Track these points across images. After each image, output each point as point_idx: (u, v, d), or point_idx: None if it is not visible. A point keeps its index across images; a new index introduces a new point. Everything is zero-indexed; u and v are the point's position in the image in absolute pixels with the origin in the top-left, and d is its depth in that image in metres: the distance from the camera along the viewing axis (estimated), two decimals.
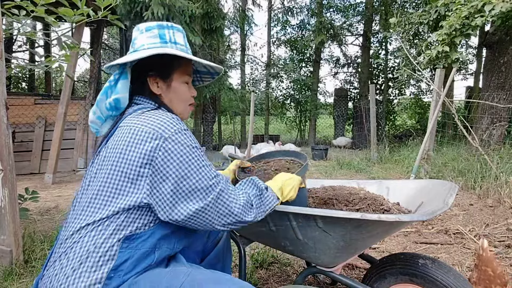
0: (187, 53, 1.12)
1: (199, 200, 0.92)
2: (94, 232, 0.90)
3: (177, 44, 1.11)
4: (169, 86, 1.11)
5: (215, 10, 7.66)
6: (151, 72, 1.09)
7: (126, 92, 1.06)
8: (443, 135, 6.84)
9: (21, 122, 6.05)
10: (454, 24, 4.21)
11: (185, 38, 1.16)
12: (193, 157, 0.93)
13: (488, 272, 1.36)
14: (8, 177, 2.01)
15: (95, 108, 1.09)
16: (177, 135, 0.93)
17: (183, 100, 1.14)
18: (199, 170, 0.93)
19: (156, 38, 1.08)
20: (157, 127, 0.93)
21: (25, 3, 1.96)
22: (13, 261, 2.05)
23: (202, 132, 10.84)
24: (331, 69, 14.64)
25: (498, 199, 3.36)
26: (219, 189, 0.95)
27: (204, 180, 0.93)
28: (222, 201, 0.96)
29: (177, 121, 0.97)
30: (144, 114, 0.99)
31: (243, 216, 0.99)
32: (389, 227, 1.17)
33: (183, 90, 1.13)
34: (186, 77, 1.13)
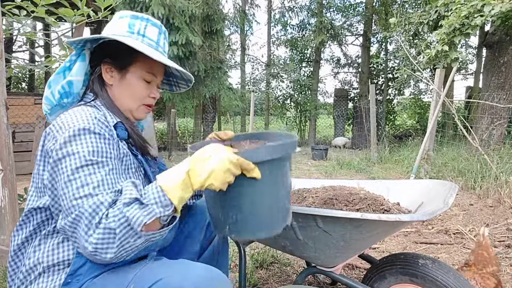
0: (157, 50, 1.03)
1: (61, 220, 0.81)
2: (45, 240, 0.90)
3: (145, 37, 1.01)
4: (123, 77, 1.01)
5: (215, 12, 7.67)
6: (107, 59, 1.00)
7: (81, 76, 0.98)
8: (443, 135, 6.83)
9: (21, 122, 6.06)
10: (454, 23, 4.22)
11: (161, 35, 1.06)
12: (67, 166, 0.80)
13: (484, 255, 1.50)
14: (8, 177, 2.01)
15: (46, 88, 1.00)
16: (69, 137, 0.82)
17: (136, 98, 1.03)
18: (65, 183, 0.79)
19: (125, 27, 1.00)
20: (54, 126, 0.87)
21: (25, 3, 1.96)
22: None
23: (202, 132, 10.84)
24: (332, 69, 14.67)
25: (498, 199, 3.36)
26: (73, 217, 0.77)
27: (66, 199, 0.78)
28: (76, 233, 0.77)
29: (83, 117, 0.86)
30: (65, 112, 0.91)
31: (100, 254, 0.75)
32: (389, 227, 1.17)
33: (138, 87, 1.02)
34: (146, 75, 1.02)
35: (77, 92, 0.99)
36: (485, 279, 1.45)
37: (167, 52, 1.13)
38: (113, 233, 0.73)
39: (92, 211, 0.75)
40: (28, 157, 5.95)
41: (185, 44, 6.35)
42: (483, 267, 1.48)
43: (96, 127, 0.86)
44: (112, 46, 0.99)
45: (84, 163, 0.80)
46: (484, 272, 1.47)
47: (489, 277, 1.45)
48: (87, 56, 0.99)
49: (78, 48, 0.98)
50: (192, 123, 11.47)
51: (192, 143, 11.22)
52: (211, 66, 8.04)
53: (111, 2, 2.09)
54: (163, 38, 1.07)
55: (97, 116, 0.89)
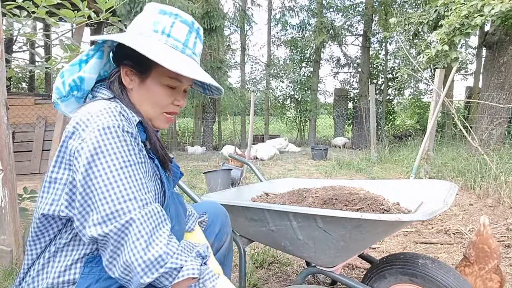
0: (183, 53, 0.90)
1: (101, 223, 0.72)
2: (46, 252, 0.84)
3: (170, 37, 0.89)
4: (143, 82, 0.90)
5: (215, 9, 7.68)
6: (127, 61, 0.90)
7: (95, 74, 0.91)
8: (443, 135, 6.84)
9: (21, 122, 6.05)
10: (453, 23, 4.22)
11: (191, 34, 0.92)
12: (105, 168, 0.73)
13: (485, 249, 1.42)
14: (8, 177, 2.01)
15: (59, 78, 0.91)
16: (94, 134, 0.75)
17: (156, 105, 0.92)
18: (106, 186, 0.72)
19: (150, 24, 0.89)
20: (78, 124, 0.78)
21: (26, 3, 1.96)
22: (13, 261, 2.05)
23: (202, 132, 10.85)
24: (331, 69, 14.68)
25: (498, 199, 3.36)
26: (127, 219, 0.71)
27: (111, 202, 0.72)
28: (127, 238, 0.71)
29: (106, 114, 0.78)
30: (83, 107, 0.83)
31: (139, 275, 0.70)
32: (389, 227, 1.17)
33: (159, 93, 0.90)
34: (170, 80, 0.90)
35: (88, 89, 0.93)
36: (487, 281, 1.39)
37: (199, 54, 0.98)
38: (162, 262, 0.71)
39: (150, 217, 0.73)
40: (28, 157, 5.95)
41: None
42: (485, 264, 1.41)
43: (123, 124, 0.79)
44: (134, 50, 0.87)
45: (123, 164, 0.75)
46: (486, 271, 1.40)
47: (491, 276, 1.39)
48: (106, 53, 0.92)
49: (98, 43, 0.90)
50: (192, 123, 11.46)
51: (192, 143, 11.09)
52: (211, 66, 8.04)
53: (113, 3, 2.09)
54: (194, 37, 0.93)
55: (122, 112, 0.82)
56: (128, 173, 0.75)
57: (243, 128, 12.18)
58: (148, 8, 0.92)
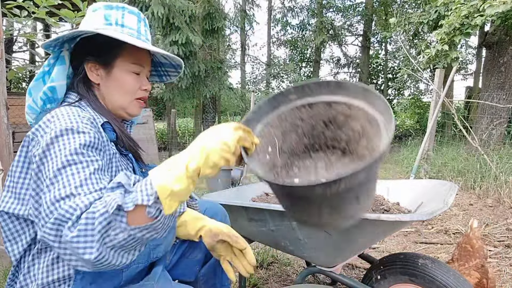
0: (139, 39, 0.95)
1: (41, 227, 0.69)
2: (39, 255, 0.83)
3: (125, 27, 0.93)
4: (109, 73, 0.93)
5: (217, 10, 7.69)
6: (89, 57, 0.92)
7: (63, 80, 0.92)
8: (443, 135, 6.84)
9: (21, 122, 6.05)
10: (454, 23, 4.22)
11: (141, 22, 0.98)
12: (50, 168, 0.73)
13: (467, 249, 1.49)
14: None
15: (27, 97, 0.93)
16: (53, 138, 0.76)
17: (126, 92, 0.95)
18: (48, 187, 0.71)
19: (101, 19, 0.92)
20: (38, 131, 0.79)
21: (26, 3, 1.96)
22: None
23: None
24: (331, 69, 14.69)
25: (498, 199, 3.36)
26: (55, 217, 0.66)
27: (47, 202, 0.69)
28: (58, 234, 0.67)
29: (70, 118, 0.79)
30: (46, 114, 0.84)
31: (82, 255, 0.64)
32: (389, 227, 1.17)
33: (128, 81, 0.94)
34: (133, 66, 0.95)
35: (61, 97, 0.93)
36: (465, 275, 1.44)
37: (151, 41, 1.05)
38: (91, 224, 0.63)
39: (73, 210, 0.66)
40: None
41: (185, 43, 6.35)
42: (466, 261, 1.47)
43: (80, 125, 0.79)
44: (93, 42, 0.92)
45: (66, 164, 0.72)
46: (465, 267, 1.46)
47: (470, 272, 1.44)
48: (67, 57, 0.93)
49: (55, 51, 0.92)
50: (192, 123, 11.46)
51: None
52: (211, 66, 8.05)
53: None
54: (144, 26, 1.00)
55: (81, 115, 0.83)
56: (71, 171, 0.72)
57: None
58: (93, 7, 0.96)
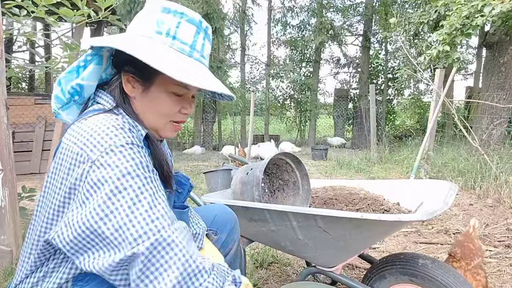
0: (192, 57, 0.81)
1: (118, 252, 0.64)
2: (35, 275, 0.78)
3: (176, 40, 0.79)
4: (146, 90, 0.81)
5: (215, 11, 7.68)
6: (128, 67, 0.81)
7: (94, 82, 0.83)
8: (443, 135, 6.84)
9: (21, 122, 6.06)
10: (454, 23, 4.22)
11: (199, 35, 0.82)
12: (127, 188, 0.66)
13: (470, 247, 1.51)
14: (8, 177, 2.01)
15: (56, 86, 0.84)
16: (108, 155, 0.67)
17: (162, 114, 0.83)
18: (129, 208, 0.65)
19: (153, 25, 0.79)
20: (85, 145, 0.69)
21: (26, 3, 1.96)
22: (13, 261, 2.05)
23: (202, 132, 10.84)
24: (331, 69, 14.68)
25: (498, 199, 3.36)
26: (153, 241, 0.64)
27: (135, 225, 0.64)
28: (156, 260, 0.64)
29: (118, 131, 0.71)
30: (83, 121, 0.74)
31: None
32: (389, 227, 1.17)
33: (165, 102, 0.82)
34: (176, 87, 0.81)
35: (87, 96, 0.86)
36: (475, 275, 1.46)
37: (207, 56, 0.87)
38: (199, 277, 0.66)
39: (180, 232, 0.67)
40: (28, 157, 5.95)
41: None
42: (471, 260, 1.49)
43: (133, 140, 0.72)
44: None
45: (146, 181, 0.68)
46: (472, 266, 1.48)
47: (478, 271, 1.47)
48: (105, 58, 0.84)
49: (96, 48, 0.82)
50: (192, 123, 11.46)
51: (192, 143, 11.05)
52: (211, 65, 8.04)
53: (112, 2, 2.09)
54: (203, 38, 0.83)
55: (129, 127, 0.75)
56: (151, 189, 0.69)
57: (243, 128, 12.18)
58: (150, 5, 0.82)
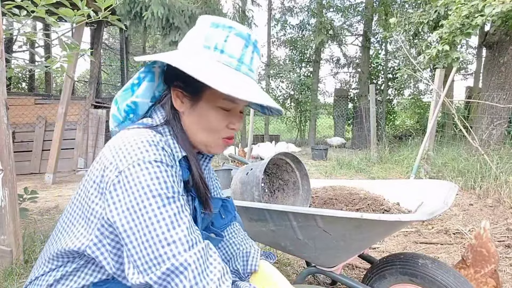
0: (239, 71, 0.79)
1: (142, 272, 0.65)
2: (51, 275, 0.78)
3: (224, 54, 0.78)
4: (194, 105, 0.81)
5: (214, 11, 7.68)
6: (177, 82, 0.81)
7: (148, 98, 0.84)
8: (443, 135, 6.83)
9: (21, 122, 6.06)
10: (454, 23, 4.22)
11: (248, 48, 0.80)
12: (146, 206, 0.65)
13: (483, 253, 1.42)
14: (8, 177, 2.01)
15: (113, 105, 0.86)
16: (134, 169, 0.67)
17: (209, 130, 0.82)
18: (148, 227, 0.65)
19: (201, 39, 0.79)
20: (118, 153, 0.70)
21: (25, 3, 1.96)
22: (13, 261, 2.05)
23: None
24: (331, 69, 14.68)
25: (498, 199, 3.36)
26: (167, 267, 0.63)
27: (152, 246, 0.64)
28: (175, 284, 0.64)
29: (150, 147, 0.70)
30: (125, 132, 0.76)
31: None
32: (389, 227, 1.17)
33: (213, 117, 0.80)
34: (224, 102, 0.80)
35: (142, 113, 0.86)
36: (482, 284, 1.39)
37: (256, 71, 0.85)
38: None
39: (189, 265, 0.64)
40: (28, 157, 5.95)
41: None
42: (482, 268, 1.41)
43: (166, 159, 0.72)
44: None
45: (166, 201, 0.67)
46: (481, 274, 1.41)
47: (487, 280, 1.39)
48: (157, 75, 0.84)
49: (148, 65, 0.84)
50: None
51: None
52: None
53: (112, 2, 2.09)
54: (251, 52, 0.81)
55: (164, 147, 0.74)
56: (172, 210, 0.67)
57: (243, 128, 12.18)
58: (200, 21, 0.82)
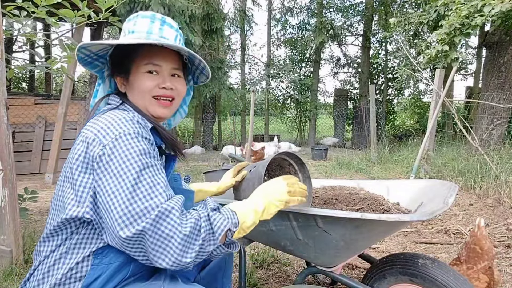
0: (149, 39, 0.95)
1: (129, 225, 0.75)
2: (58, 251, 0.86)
3: (134, 33, 0.98)
4: (128, 80, 0.98)
5: (216, 11, 7.68)
6: (115, 71, 1.01)
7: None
8: (443, 135, 6.83)
9: (21, 122, 6.06)
10: (454, 23, 4.22)
11: (154, 23, 0.98)
12: (130, 170, 0.78)
13: (476, 250, 1.44)
14: (8, 177, 2.01)
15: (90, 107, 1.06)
16: (117, 141, 0.80)
17: (143, 92, 0.96)
18: (133, 186, 0.77)
19: (122, 33, 1.02)
20: (99, 132, 0.82)
21: (26, 4, 1.96)
22: (13, 261, 2.05)
23: (202, 132, 10.85)
24: (331, 69, 14.67)
25: (498, 199, 3.36)
26: (156, 213, 0.76)
27: (137, 202, 0.76)
28: (160, 228, 0.76)
29: (126, 123, 0.84)
30: (99, 116, 0.89)
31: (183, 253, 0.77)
32: (389, 227, 1.17)
33: (142, 81, 0.95)
34: (146, 66, 0.95)
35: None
36: (474, 280, 1.41)
37: (176, 38, 1.01)
38: (197, 234, 0.79)
39: (173, 208, 0.77)
40: (28, 157, 5.95)
41: (185, 44, 6.31)
42: (474, 264, 1.43)
43: (141, 131, 0.86)
44: (114, 57, 1.00)
45: (146, 165, 0.80)
46: (474, 270, 1.42)
47: (479, 275, 1.41)
48: (106, 76, 1.04)
49: (98, 72, 1.03)
50: (192, 123, 11.46)
51: (192, 143, 11.05)
52: (211, 66, 8.04)
53: (112, 3, 2.09)
54: (159, 25, 0.99)
55: (139, 120, 0.91)
56: (151, 172, 0.81)
57: (243, 128, 12.18)
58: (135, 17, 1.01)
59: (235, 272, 1.99)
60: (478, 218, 1.52)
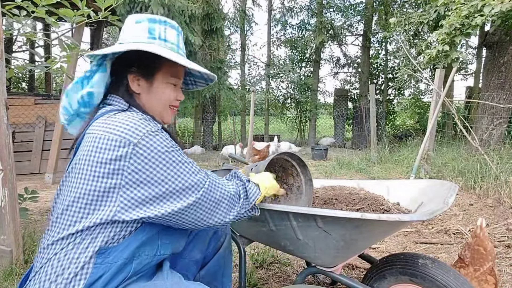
0: (178, 53, 1.04)
1: (187, 198, 0.89)
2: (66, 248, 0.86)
3: (167, 42, 1.02)
4: (150, 86, 1.02)
5: (215, 11, 7.67)
6: (133, 69, 1.01)
7: (102, 87, 1.00)
8: (443, 135, 6.83)
9: (21, 122, 6.06)
10: (454, 23, 4.22)
11: (179, 36, 1.08)
12: (170, 159, 0.88)
13: (480, 251, 1.42)
14: (8, 177, 2.01)
15: (64, 97, 0.99)
16: (147, 138, 0.86)
17: (165, 102, 1.05)
18: (180, 170, 0.89)
19: (145, 32, 1.00)
20: (124, 133, 0.85)
21: (25, 3, 1.96)
22: (13, 261, 2.05)
23: (202, 132, 10.85)
24: (331, 69, 14.67)
25: (498, 199, 3.36)
26: (208, 183, 0.94)
27: (190, 177, 0.90)
28: (213, 194, 0.94)
29: (146, 122, 0.90)
30: (111, 117, 0.90)
31: (226, 214, 0.98)
32: (389, 227, 1.17)
33: (166, 91, 1.04)
34: (172, 79, 1.05)
35: (97, 103, 1.01)
36: (483, 282, 1.39)
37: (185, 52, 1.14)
38: (237, 198, 1.02)
39: (217, 178, 0.98)
40: (28, 157, 5.95)
41: (185, 44, 6.33)
42: (480, 266, 1.41)
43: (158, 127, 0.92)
44: (135, 54, 0.98)
45: (178, 153, 0.91)
46: (481, 272, 1.41)
47: (487, 277, 1.40)
48: (108, 66, 1.00)
49: (98, 58, 0.98)
50: (192, 123, 11.46)
51: (192, 143, 11.02)
52: (211, 66, 8.04)
53: (112, 2, 2.09)
54: (181, 39, 1.09)
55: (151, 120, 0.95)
56: (183, 157, 0.93)
57: (243, 128, 12.17)
58: (136, 19, 1.03)
59: (235, 272, 1.98)
60: (479, 219, 1.49)
